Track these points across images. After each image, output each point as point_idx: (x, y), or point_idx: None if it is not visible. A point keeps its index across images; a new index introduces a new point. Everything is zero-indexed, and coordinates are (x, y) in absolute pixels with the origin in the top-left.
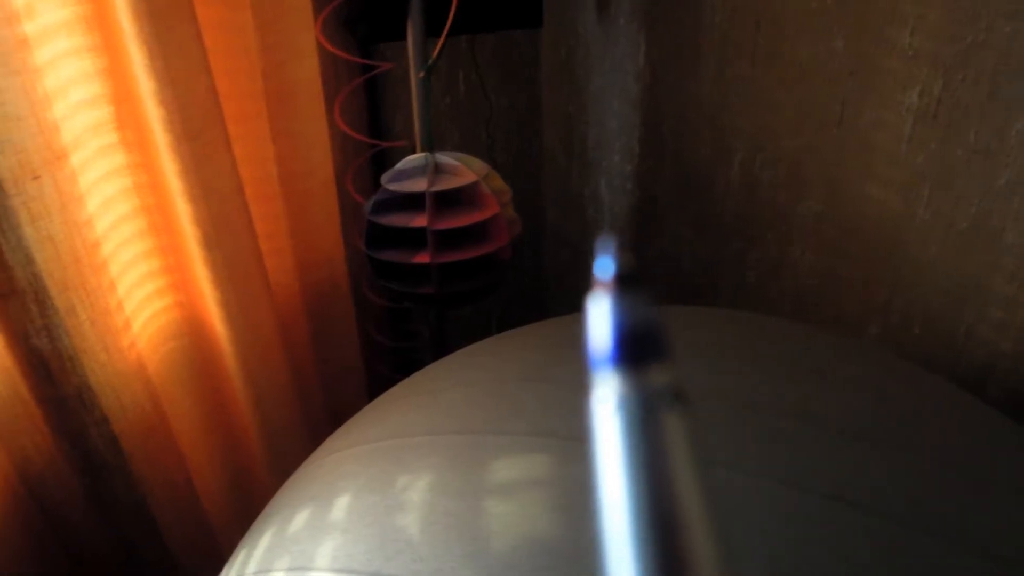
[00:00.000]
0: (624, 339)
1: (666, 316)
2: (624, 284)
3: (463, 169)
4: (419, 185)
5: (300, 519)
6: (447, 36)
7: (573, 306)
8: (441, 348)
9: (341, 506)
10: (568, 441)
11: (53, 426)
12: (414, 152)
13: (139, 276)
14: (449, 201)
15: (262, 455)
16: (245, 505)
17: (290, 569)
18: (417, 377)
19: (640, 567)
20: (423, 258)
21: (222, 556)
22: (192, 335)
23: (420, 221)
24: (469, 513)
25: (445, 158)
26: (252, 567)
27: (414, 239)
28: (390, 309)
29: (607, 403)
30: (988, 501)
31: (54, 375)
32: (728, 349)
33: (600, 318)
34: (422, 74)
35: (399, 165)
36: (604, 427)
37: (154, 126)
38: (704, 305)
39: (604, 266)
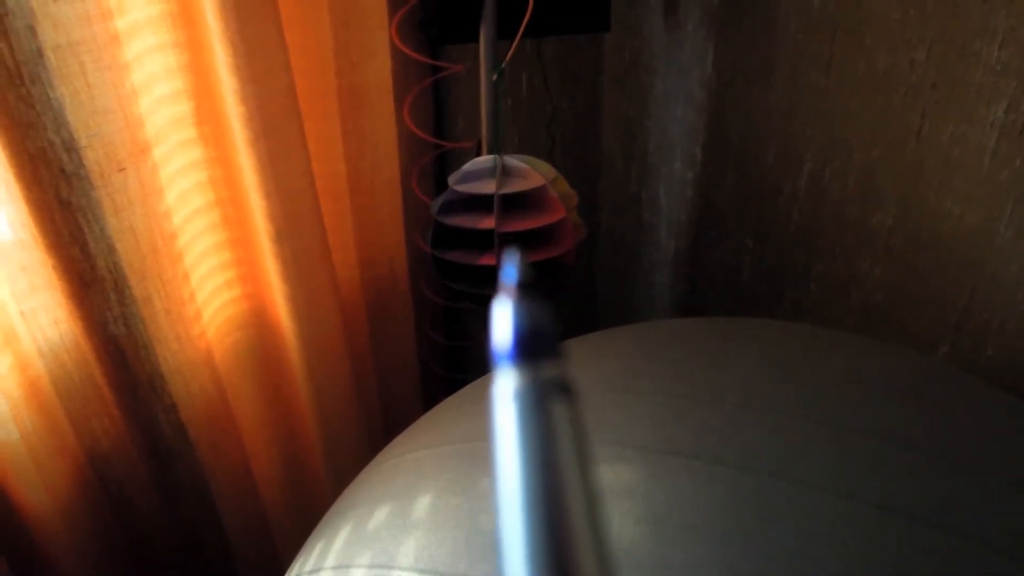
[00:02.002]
0: (522, 339)
1: (746, 328)
2: (525, 291)
3: (530, 172)
4: (487, 187)
5: (379, 516)
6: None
7: (625, 310)
8: None
9: (423, 506)
10: (652, 454)
11: (124, 411)
12: (478, 154)
13: (210, 268)
14: (515, 204)
15: (318, 446)
16: (299, 494)
17: (371, 566)
18: (490, 379)
19: (526, 534)
20: (489, 259)
21: (274, 542)
22: (257, 326)
23: (487, 223)
24: None
25: (513, 161)
26: (331, 560)
27: (478, 240)
28: (445, 308)
29: (508, 386)
30: None
31: (129, 362)
32: (815, 366)
33: (503, 320)
34: (495, 77)
35: (467, 166)
36: (502, 414)
37: (233, 123)
38: (764, 316)
39: (508, 274)
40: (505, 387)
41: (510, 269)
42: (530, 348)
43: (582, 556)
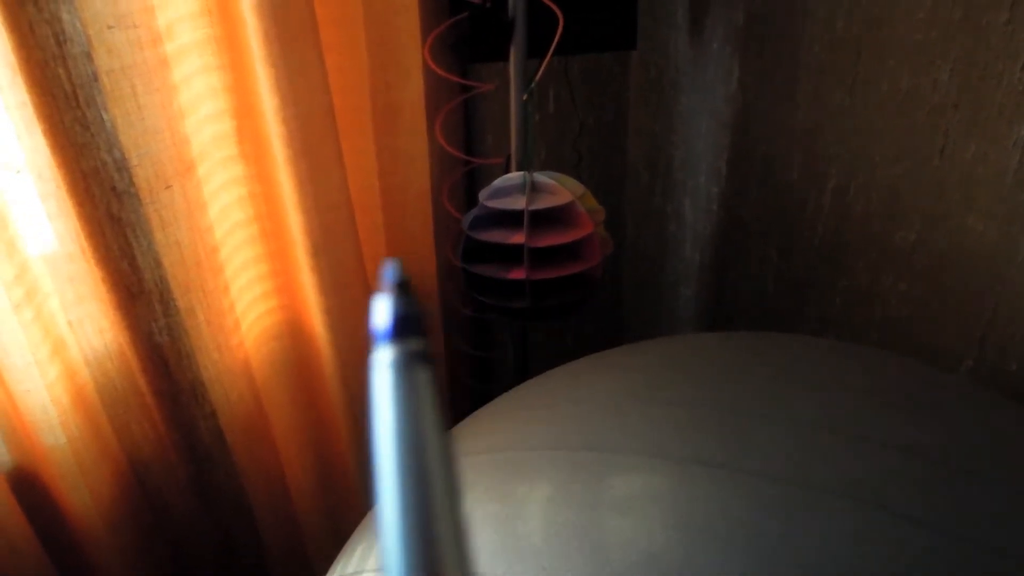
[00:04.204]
0: (396, 323)
1: (768, 343)
2: (399, 288)
3: (559, 188)
4: (517, 203)
5: None
6: (545, 58)
7: (650, 321)
8: (523, 359)
9: None
10: (680, 463)
11: (165, 417)
12: (507, 170)
13: (248, 280)
14: (545, 219)
15: (350, 453)
16: (330, 500)
17: None
18: (523, 391)
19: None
20: (519, 274)
21: (306, 547)
22: (292, 336)
23: (517, 238)
24: (590, 526)
25: (542, 177)
26: (372, 563)
27: (507, 254)
28: (472, 319)
29: (385, 357)
30: None
31: (171, 370)
32: (835, 379)
33: (382, 309)
34: (526, 96)
35: (497, 183)
36: (381, 371)
37: (274, 141)
38: (788, 329)
39: (386, 275)
40: (383, 356)
41: (388, 271)
42: (401, 330)
43: (436, 484)
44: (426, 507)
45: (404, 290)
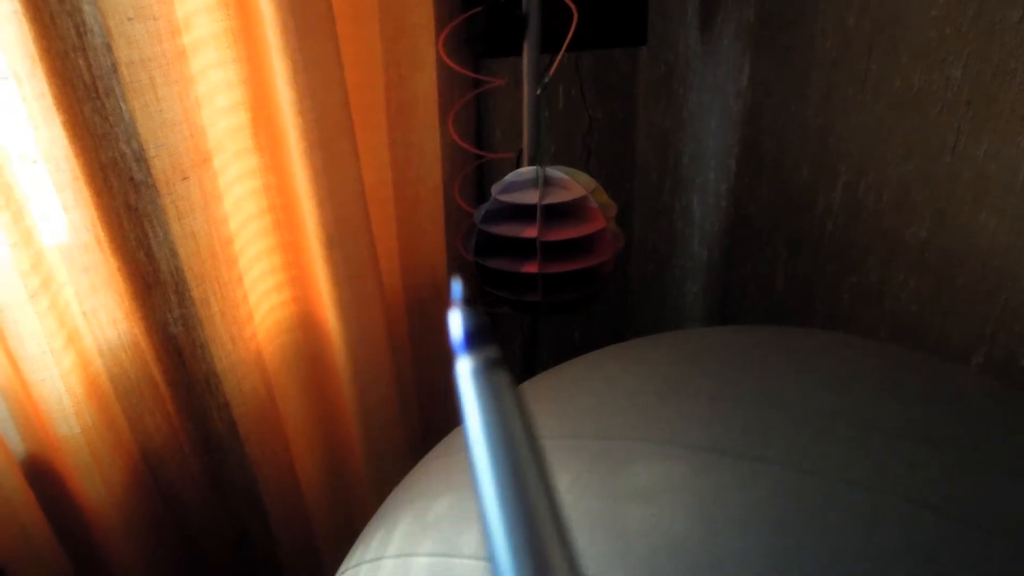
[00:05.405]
0: (470, 335)
1: (784, 336)
2: (467, 303)
3: (571, 183)
4: (530, 197)
5: (439, 508)
6: (557, 53)
7: (657, 317)
8: (533, 352)
9: None
10: (699, 452)
11: (178, 408)
12: (518, 164)
13: (261, 271)
14: (557, 214)
15: (360, 446)
16: (340, 492)
17: (433, 554)
18: (539, 382)
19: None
20: (531, 268)
21: (316, 538)
22: (305, 329)
23: (530, 232)
24: (611, 514)
25: (554, 172)
26: (392, 549)
27: (519, 248)
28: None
29: (466, 366)
30: None
31: (186, 361)
32: (850, 371)
33: (456, 323)
34: (539, 91)
35: (509, 177)
36: (465, 379)
37: (289, 133)
38: (797, 325)
39: (455, 292)
40: (464, 366)
41: (456, 288)
42: (476, 340)
43: (531, 479)
44: (527, 503)
45: (472, 305)
